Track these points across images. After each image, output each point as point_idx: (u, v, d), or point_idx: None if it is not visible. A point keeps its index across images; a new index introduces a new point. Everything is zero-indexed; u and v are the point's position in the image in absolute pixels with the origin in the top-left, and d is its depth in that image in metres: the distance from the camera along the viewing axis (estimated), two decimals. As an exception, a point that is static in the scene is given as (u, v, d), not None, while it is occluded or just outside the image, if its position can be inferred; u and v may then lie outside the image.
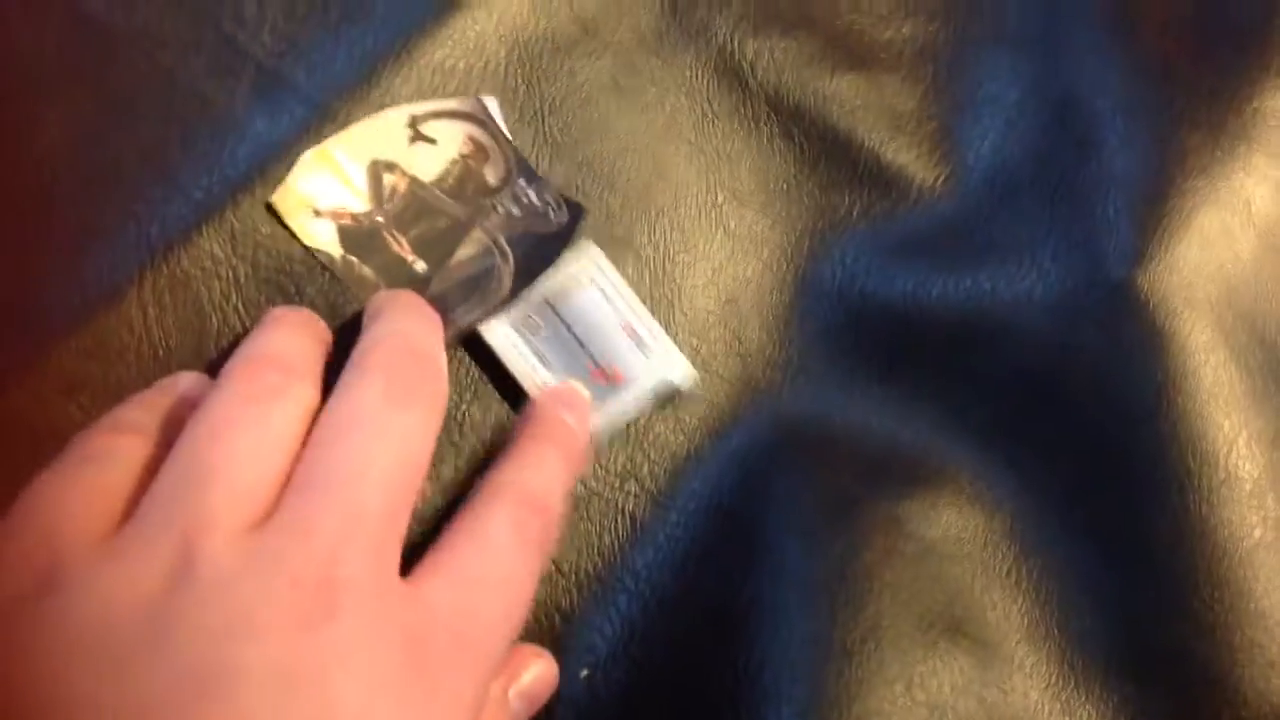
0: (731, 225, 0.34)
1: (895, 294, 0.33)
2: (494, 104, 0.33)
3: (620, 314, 0.31)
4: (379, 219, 0.31)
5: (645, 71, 0.35)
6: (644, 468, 0.31)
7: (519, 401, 0.30)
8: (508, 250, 0.31)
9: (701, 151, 0.35)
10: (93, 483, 0.23)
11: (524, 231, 0.32)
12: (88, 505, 0.22)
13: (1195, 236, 0.33)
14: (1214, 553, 0.30)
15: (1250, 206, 0.34)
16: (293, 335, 0.26)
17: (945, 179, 0.36)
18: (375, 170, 0.31)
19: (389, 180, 0.31)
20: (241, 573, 0.21)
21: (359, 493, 0.22)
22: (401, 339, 0.25)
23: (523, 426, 0.28)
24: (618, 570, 0.30)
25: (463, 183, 0.32)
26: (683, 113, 0.35)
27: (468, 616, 0.23)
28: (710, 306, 0.33)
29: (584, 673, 0.28)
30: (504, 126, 0.33)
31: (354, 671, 0.20)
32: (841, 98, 0.36)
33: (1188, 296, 0.32)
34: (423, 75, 0.32)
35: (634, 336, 0.31)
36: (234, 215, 0.30)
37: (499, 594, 0.23)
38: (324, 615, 0.20)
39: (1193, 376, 0.31)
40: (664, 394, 0.31)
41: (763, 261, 0.34)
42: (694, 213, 0.34)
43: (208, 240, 0.29)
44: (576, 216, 0.32)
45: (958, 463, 0.32)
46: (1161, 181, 0.34)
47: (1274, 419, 0.32)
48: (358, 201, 0.31)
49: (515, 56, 0.34)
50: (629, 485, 0.31)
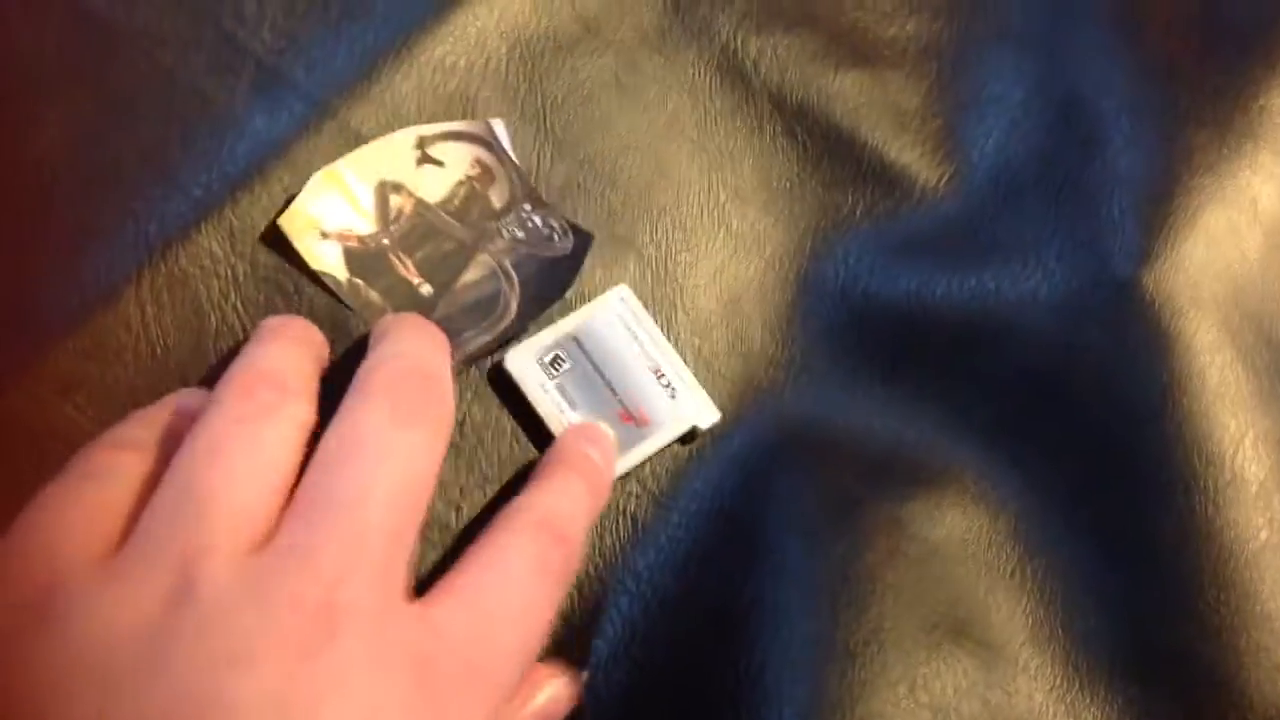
0: (734, 224, 0.34)
1: (899, 293, 0.33)
2: (501, 127, 0.32)
3: (649, 356, 0.31)
4: (385, 241, 0.31)
5: (647, 69, 0.35)
6: (645, 468, 0.31)
7: (541, 440, 0.30)
8: (513, 275, 0.31)
9: (704, 150, 0.35)
10: (93, 500, 0.22)
11: (528, 256, 0.31)
12: (88, 524, 0.22)
13: (1201, 235, 0.33)
14: (1220, 554, 0.30)
15: (1257, 205, 0.34)
16: (287, 350, 0.26)
17: (949, 178, 0.35)
18: (383, 191, 0.31)
19: (395, 201, 0.31)
20: (241, 597, 0.20)
21: (362, 515, 0.22)
22: (407, 360, 0.25)
23: (548, 459, 0.28)
24: (619, 571, 0.30)
25: (468, 205, 0.32)
26: (685, 111, 0.35)
27: (481, 644, 0.22)
28: (712, 306, 0.33)
29: (585, 674, 0.28)
30: (511, 150, 0.32)
31: (353, 698, 0.20)
32: (845, 96, 0.36)
33: (1194, 296, 0.32)
34: (423, 72, 0.32)
35: (662, 380, 0.31)
36: (233, 213, 0.30)
37: (516, 623, 0.23)
38: (324, 640, 0.20)
39: (1199, 376, 0.31)
40: (688, 435, 0.31)
41: (765, 260, 0.34)
42: (696, 211, 0.34)
43: (206, 238, 0.29)
44: (584, 244, 0.32)
45: (962, 463, 0.31)
46: (1167, 180, 0.34)
47: (1281, 419, 0.32)
48: (364, 223, 0.31)
49: (517, 54, 0.34)
50: (630, 486, 0.30)
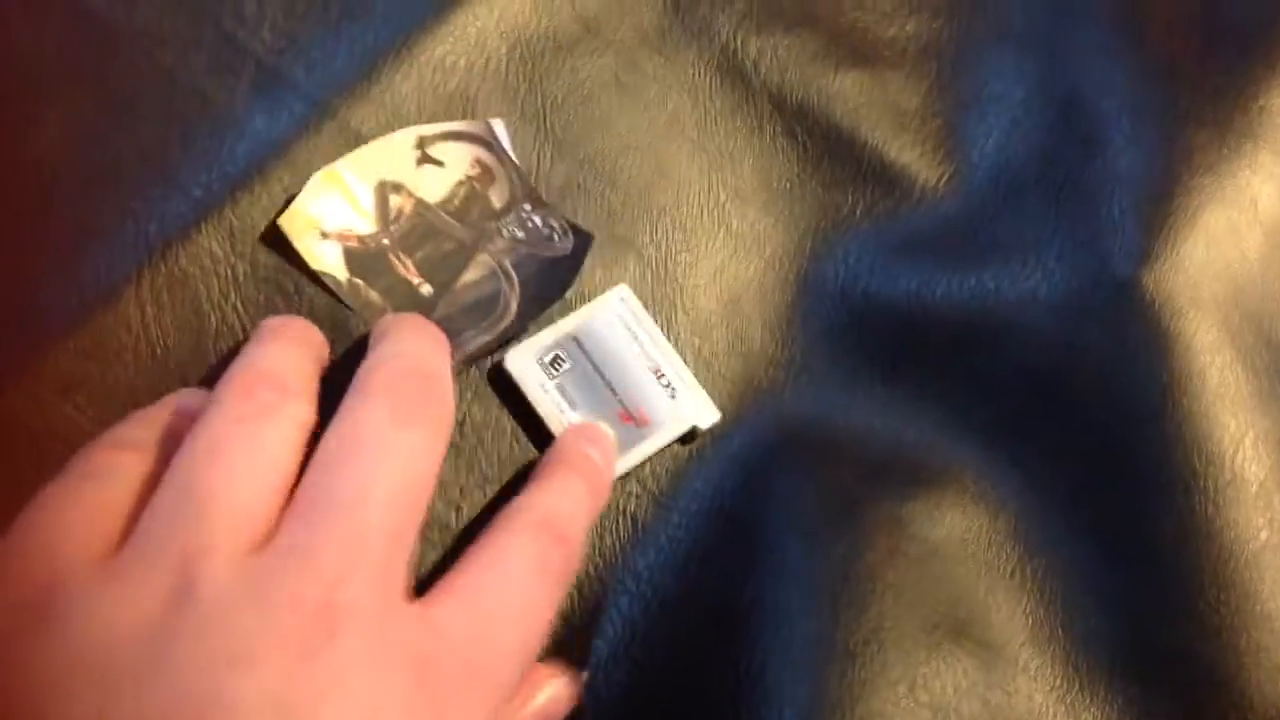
0: (734, 224, 0.34)
1: (899, 293, 0.33)
2: (501, 127, 0.32)
3: (649, 357, 0.31)
4: (385, 241, 0.31)
5: (647, 69, 0.35)
6: (645, 468, 0.31)
7: (541, 440, 0.30)
8: (513, 275, 0.31)
9: (704, 150, 0.34)
10: (93, 500, 0.22)
11: (528, 256, 0.31)
12: (88, 524, 0.22)
13: (1201, 235, 0.33)
14: (1220, 554, 0.30)
15: (1257, 205, 0.34)
16: (288, 350, 0.26)
17: (949, 178, 0.35)
18: (383, 191, 0.31)
19: (395, 201, 0.31)
20: (241, 597, 0.20)
21: (362, 515, 0.22)
22: (407, 360, 0.25)
23: (548, 459, 0.28)
24: (619, 571, 0.30)
25: (468, 205, 0.32)
26: (685, 111, 0.35)
27: (481, 644, 0.22)
28: (712, 306, 0.33)
29: (585, 674, 0.28)
30: (511, 150, 0.32)
31: (353, 697, 0.20)
32: (845, 96, 0.36)
33: (1193, 296, 0.32)
34: (423, 72, 0.32)
35: (662, 380, 0.31)
36: (233, 213, 0.30)
37: (516, 623, 0.23)
38: (324, 640, 0.20)
39: (1199, 377, 0.31)
40: (688, 435, 0.31)
41: (765, 260, 0.34)
42: (696, 211, 0.34)
43: (206, 238, 0.29)
44: (584, 244, 0.32)
45: (962, 463, 0.31)
46: (1167, 180, 0.34)
47: (1281, 419, 0.32)
48: (364, 223, 0.31)
49: (517, 54, 0.34)
50: (630, 486, 0.30)
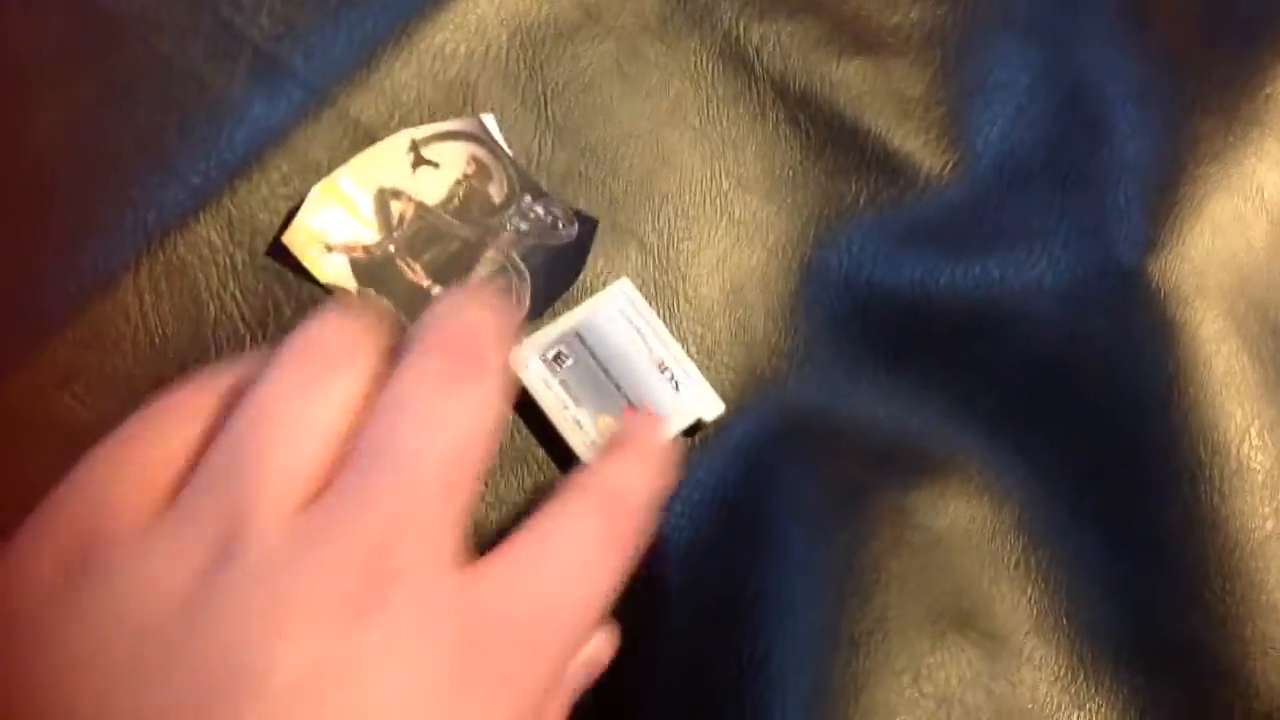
0: (736, 212, 0.34)
1: (903, 282, 0.33)
2: (492, 121, 0.32)
3: (653, 350, 0.31)
4: (390, 248, 0.31)
5: (649, 56, 0.35)
6: (648, 458, 0.30)
7: (546, 437, 0.30)
8: (523, 268, 0.31)
9: (706, 138, 0.34)
10: (146, 457, 0.22)
11: (535, 246, 0.31)
12: (139, 481, 0.21)
13: (1207, 224, 0.33)
14: (1225, 544, 0.30)
15: (1263, 193, 0.34)
16: (352, 314, 0.25)
17: (954, 166, 0.35)
18: (382, 198, 0.31)
19: (396, 207, 0.31)
20: (286, 557, 0.20)
21: (414, 473, 0.21)
22: (465, 318, 0.24)
23: (617, 438, 0.27)
24: (621, 561, 0.29)
25: (468, 203, 0.32)
26: (687, 98, 0.35)
27: (538, 614, 0.22)
28: (715, 295, 0.33)
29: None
30: (504, 144, 0.32)
31: (400, 664, 0.20)
32: (848, 83, 0.36)
33: (1199, 285, 0.32)
34: (423, 60, 0.32)
35: (666, 373, 0.31)
36: (231, 202, 0.29)
37: (576, 594, 0.22)
38: (371, 603, 0.20)
39: (1204, 366, 0.31)
40: (692, 428, 0.31)
41: (768, 249, 0.34)
42: (698, 199, 0.34)
43: (205, 227, 0.29)
44: (590, 229, 0.32)
45: (966, 452, 0.31)
46: (1173, 168, 0.33)
47: (1287, 409, 0.32)
48: (368, 232, 0.31)
49: (517, 41, 0.33)
50: (632, 475, 0.30)
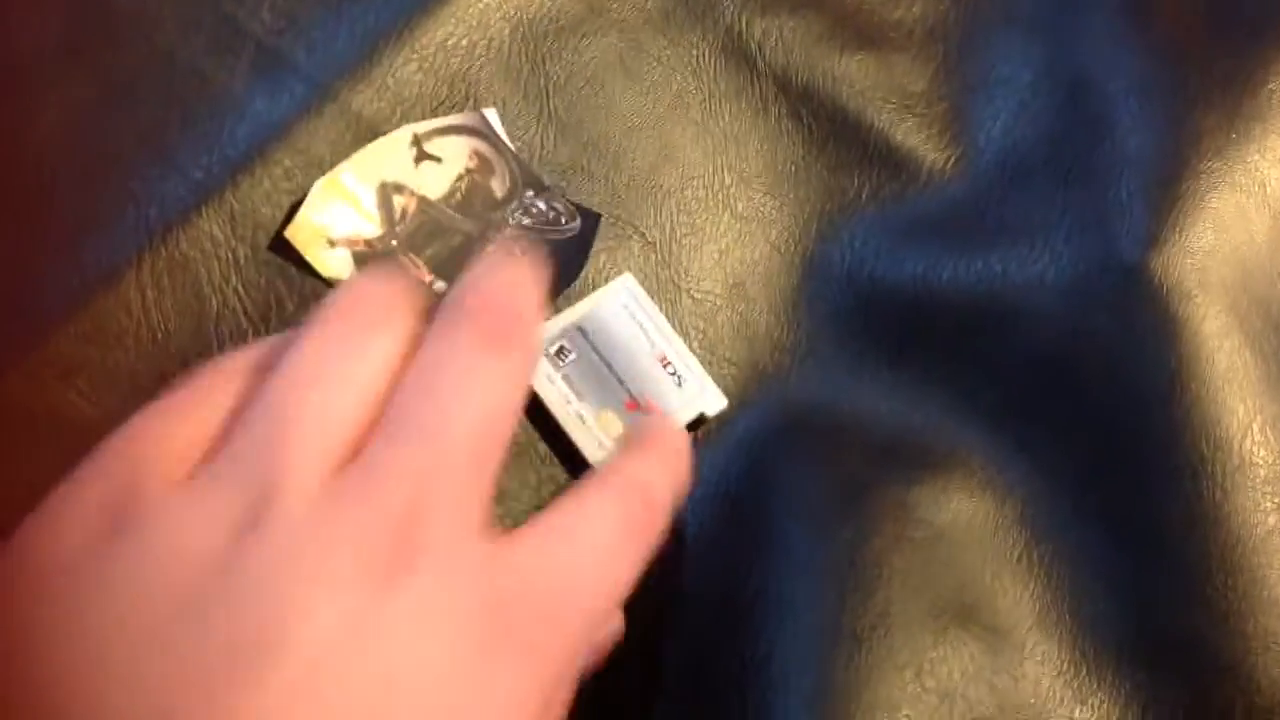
0: (739, 207, 0.34)
1: (905, 277, 0.33)
2: (494, 115, 0.32)
3: (655, 345, 0.31)
4: (393, 242, 0.31)
5: (651, 51, 0.35)
6: (650, 453, 0.30)
7: (547, 431, 0.30)
8: None
9: (708, 132, 0.34)
10: (185, 421, 0.22)
11: (538, 241, 0.31)
12: (176, 443, 0.21)
13: (1209, 219, 0.33)
14: (1227, 539, 0.30)
15: (1265, 189, 0.34)
16: (390, 276, 0.25)
17: (956, 161, 0.35)
18: (385, 193, 0.31)
19: (399, 202, 0.31)
20: (317, 521, 0.20)
21: (444, 439, 0.21)
22: (497, 287, 0.24)
23: (637, 434, 0.27)
24: (624, 556, 0.29)
25: (470, 198, 0.32)
26: (689, 93, 0.34)
27: (562, 594, 0.22)
28: (717, 289, 0.33)
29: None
30: (505, 137, 0.32)
31: (430, 631, 0.20)
32: (851, 78, 0.36)
33: (1202, 280, 0.32)
34: (425, 54, 0.32)
35: (669, 368, 0.30)
36: (233, 196, 0.29)
37: (597, 579, 0.23)
38: (404, 570, 0.20)
39: (1207, 361, 0.31)
40: (695, 422, 0.31)
41: (770, 244, 0.34)
42: (701, 194, 0.33)
43: (207, 221, 0.29)
44: (593, 223, 0.32)
45: (968, 447, 0.31)
46: (1176, 164, 0.33)
47: (1289, 404, 0.32)
48: (370, 226, 0.31)
49: (519, 34, 0.33)
50: (635, 471, 0.30)
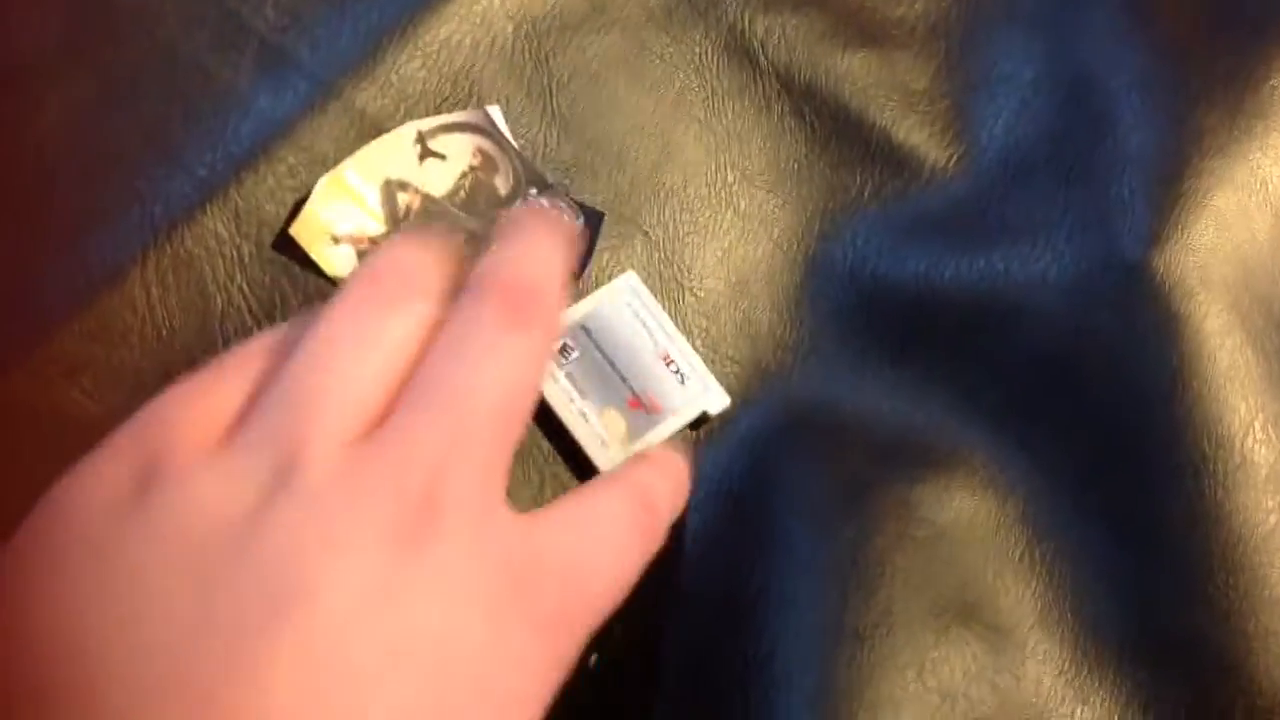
0: (741, 205, 0.34)
1: (907, 275, 0.33)
2: (498, 113, 0.32)
3: (658, 343, 0.31)
4: None
5: (654, 49, 0.35)
6: (653, 451, 0.30)
7: (550, 428, 0.30)
8: None
9: (711, 130, 0.34)
10: (216, 392, 0.22)
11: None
12: (206, 413, 0.22)
13: (1211, 217, 0.33)
14: (1229, 538, 0.30)
15: (1267, 187, 0.34)
16: (423, 245, 0.25)
17: (958, 158, 0.35)
18: (389, 190, 0.31)
19: (403, 199, 0.31)
20: (342, 485, 0.20)
21: (468, 411, 0.22)
22: (524, 263, 0.25)
23: (639, 454, 0.27)
24: (626, 554, 0.29)
25: (474, 195, 0.32)
26: (692, 91, 0.34)
27: (576, 577, 0.22)
28: (720, 287, 0.33)
29: (593, 658, 0.28)
30: (509, 135, 0.32)
31: (450, 595, 0.20)
32: (853, 76, 0.36)
33: (1203, 278, 0.32)
34: (428, 51, 0.32)
35: (672, 366, 0.31)
36: (238, 193, 0.29)
37: (607, 570, 0.23)
38: (426, 535, 0.20)
39: (1209, 360, 0.31)
40: (698, 421, 0.31)
41: (773, 242, 0.34)
42: (704, 192, 0.33)
43: (211, 219, 0.29)
44: (596, 221, 0.32)
45: (970, 445, 0.31)
46: (1177, 162, 0.33)
47: (1291, 403, 0.32)
48: (374, 224, 0.31)
49: (523, 32, 0.33)
50: (638, 468, 0.30)
